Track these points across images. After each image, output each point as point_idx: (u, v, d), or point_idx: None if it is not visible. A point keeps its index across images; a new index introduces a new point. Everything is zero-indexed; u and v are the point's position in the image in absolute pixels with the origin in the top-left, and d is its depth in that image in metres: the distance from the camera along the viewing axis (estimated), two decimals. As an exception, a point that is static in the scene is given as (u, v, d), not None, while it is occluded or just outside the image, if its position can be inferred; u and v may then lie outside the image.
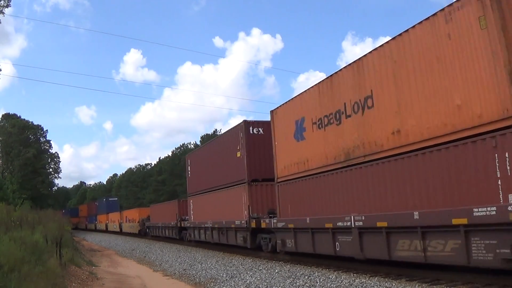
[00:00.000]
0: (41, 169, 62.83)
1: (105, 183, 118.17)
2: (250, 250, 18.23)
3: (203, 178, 23.49)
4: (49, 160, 68.12)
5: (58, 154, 71.57)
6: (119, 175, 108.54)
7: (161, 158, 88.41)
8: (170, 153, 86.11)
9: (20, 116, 64.01)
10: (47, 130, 68.95)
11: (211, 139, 24.36)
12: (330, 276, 11.28)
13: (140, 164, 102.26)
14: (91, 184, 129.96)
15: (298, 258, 14.65)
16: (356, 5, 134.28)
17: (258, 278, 12.65)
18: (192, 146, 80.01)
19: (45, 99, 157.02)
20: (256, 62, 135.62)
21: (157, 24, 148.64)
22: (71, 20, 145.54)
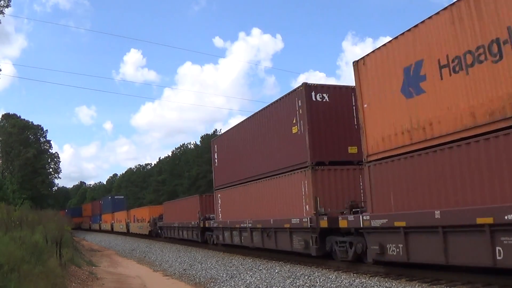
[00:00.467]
0: (41, 169, 62.72)
1: (105, 183, 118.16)
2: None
3: (237, 167, 19.15)
4: (49, 160, 67.96)
5: (58, 154, 71.46)
6: (119, 175, 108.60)
7: (161, 158, 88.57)
8: (170, 153, 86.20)
9: (20, 116, 63.87)
10: (47, 130, 68.81)
11: (249, 116, 18.67)
12: (330, 276, 11.28)
13: (140, 164, 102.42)
14: (91, 184, 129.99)
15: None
16: (356, 5, 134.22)
17: (258, 278, 12.65)
18: (192, 146, 79.91)
19: (45, 99, 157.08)
20: (256, 62, 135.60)
21: (157, 24, 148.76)
22: (71, 20, 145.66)
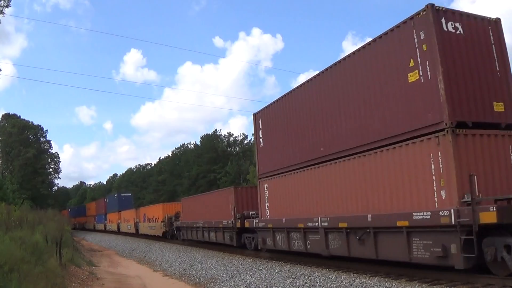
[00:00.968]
0: (41, 169, 62.80)
1: (105, 183, 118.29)
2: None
3: (297, 145, 14.44)
4: (49, 160, 68.05)
5: (58, 154, 71.66)
6: (119, 175, 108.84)
7: (161, 158, 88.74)
8: (170, 153, 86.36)
9: (20, 116, 64.03)
10: (47, 130, 69.11)
11: (318, 72, 13.44)
12: (330, 276, 11.27)
13: (140, 164, 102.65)
14: (91, 184, 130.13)
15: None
16: (356, 5, 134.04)
17: (258, 278, 12.64)
18: (192, 146, 79.88)
19: (45, 99, 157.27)
20: (257, 62, 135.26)
21: (157, 24, 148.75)
22: (72, 20, 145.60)
